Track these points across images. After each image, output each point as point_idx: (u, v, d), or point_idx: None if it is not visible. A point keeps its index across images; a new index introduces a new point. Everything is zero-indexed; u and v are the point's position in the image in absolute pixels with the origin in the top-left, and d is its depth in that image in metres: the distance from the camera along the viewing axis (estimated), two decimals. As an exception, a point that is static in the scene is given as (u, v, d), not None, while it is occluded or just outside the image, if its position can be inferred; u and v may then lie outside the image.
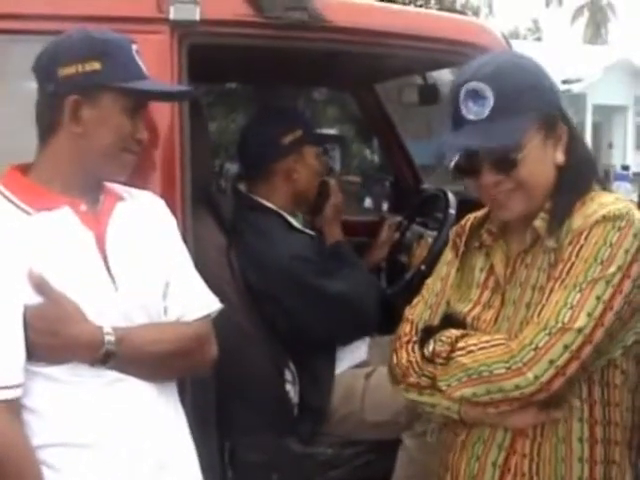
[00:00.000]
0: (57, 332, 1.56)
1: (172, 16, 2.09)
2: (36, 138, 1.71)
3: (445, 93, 3.27)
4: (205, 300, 1.79)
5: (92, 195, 1.71)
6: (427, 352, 1.68)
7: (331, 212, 2.87)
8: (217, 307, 1.81)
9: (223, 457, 2.44)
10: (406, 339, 1.78)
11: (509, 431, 1.64)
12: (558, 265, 1.58)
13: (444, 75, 3.56)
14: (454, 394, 1.61)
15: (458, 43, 2.51)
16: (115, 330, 1.59)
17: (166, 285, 1.73)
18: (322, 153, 2.88)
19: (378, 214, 3.94)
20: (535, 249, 1.66)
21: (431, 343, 1.68)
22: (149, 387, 1.65)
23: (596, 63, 25.70)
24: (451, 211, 2.84)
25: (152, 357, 1.66)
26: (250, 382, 2.51)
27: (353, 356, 2.74)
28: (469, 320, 1.70)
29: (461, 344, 1.62)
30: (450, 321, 1.72)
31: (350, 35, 2.37)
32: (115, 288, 1.64)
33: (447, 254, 1.85)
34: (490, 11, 34.34)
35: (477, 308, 1.71)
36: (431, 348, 1.67)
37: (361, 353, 2.76)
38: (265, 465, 2.50)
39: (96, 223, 1.68)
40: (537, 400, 1.56)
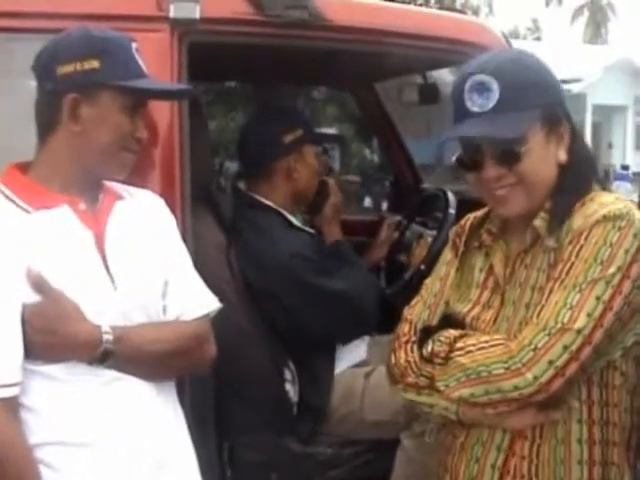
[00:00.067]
0: (55, 331, 1.55)
1: (172, 14, 2.09)
2: (36, 136, 1.71)
3: (445, 92, 3.27)
4: (204, 299, 1.79)
5: (91, 194, 1.70)
6: (425, 352, 1.67)
7: (330, 211, 2.87)
8: (216, 306, 1.80)
9: (222, 456, 2.44)
10: (405, 339, 1.77)
11: (508, 433, 1.63)
12: (558, 265, 1.57)
13: (444, 74, 3.56)
14: (452, 394, 1.61)
15: (458, 42, 2.50)
16: (113, 329, 1.59)
17: (165, 284, 1.73)
18: (322, 152, 2.88)
19: (378, 213, 3.94)
20: (535, 249, 1.66)
21: (430, 343, 1.67)
22: (148, 386, 1.65)
23: (596, 63, 25.68)
24: (451, 211, 2.84)
25: (151, 356, 1.65)
26: (249, 381, 2.51)
27: (352, 355, 2.74)
28: (468, 320, 1.69)
29: (460, 344, 1.61)
30: (449, 321, 1.72)
31: (350, 34, 2.36)
32: (114, 287, 1.64)
33: (446, 254, 1.85)
34: (490, 10, 34.34)
35: (476, 308, 1.71)
36: (430, 348, 1.67)
37: (360, 352, 2.76)
38: (264, 464, 2.50)
39: (95, 222, 1.67)
40: (536, 401, 1.55)
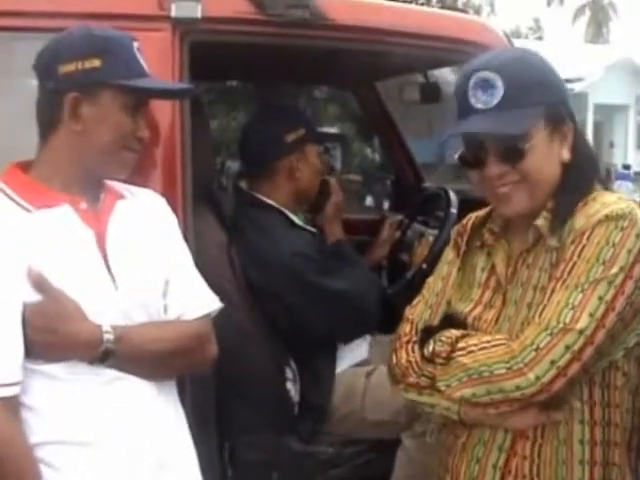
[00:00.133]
0: (56, 330, 1.55)
1: (173, 14, 2.09)
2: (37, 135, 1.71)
3: (446, 92, 3.27)
4: (205, 299, 1.79)
5: (92, 193, 1.70)
6: (427, 352, 1.67)
7: (332, 211, 2.87)
8: (217, 306, 1.80)
9: (223, 456, 2.44)
10: (406, 339, 1.77)
11: (509, 433, 1.63)
12: (560, 265, 1.57)
13: (445, 74, 3.55)
14: (454, 394, 1.60)
15: (460, 41, 2.50)
16: (114, 328, 1.59)
17: (166, 283, 1.73)
18: (323, 152, 2.88)
19: (379, 213, 3.93)
20: (537, 249, 1.65)
21: (431, 343, 1.67)
22: (148, 386, 1.65)
23: (597, 62, 25.66)
24: (452, 210, 2.84)
25: (151, 356, 1.65)
26: (250, 380, 2.50)
27: (354, 355, 2.73)
28: (470, 320, 1.69)
29: (461, 344, 1.61)
30: (450, 321, 1.71)
31: (351, 33, 2.36)
32: (115, 286, 1.63)
33: (448, 253, 1.84)
34: (492, 10, 34.31)
35: (478, 308, 1.70)
36: (431, 348, 1.66)
37: (362, 352, 2.76)
38: (265, 464, 2.50)
39: (96, 221, 1.67)
40: (538, 401, 1.54)
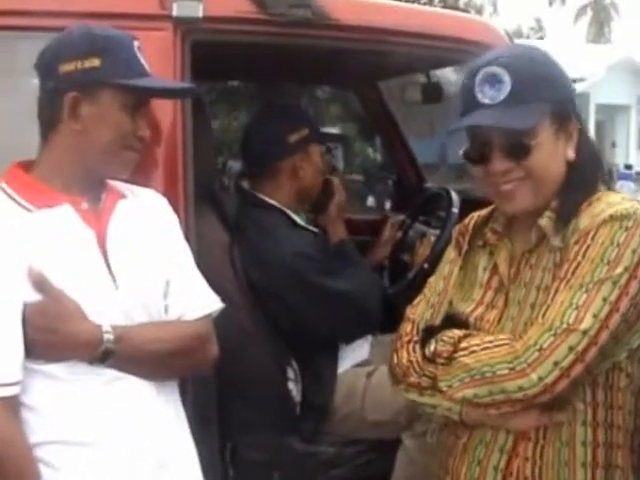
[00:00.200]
0: (56, 329, 1.55)
1: (175, 13, 2.09)
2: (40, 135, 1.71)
3: (448, 92, 3.27)
4: (206, 299, 1.78)
5: (94, 193, 1.70)
6: (428, 352, 1.66)
7: (335, 211, 2.87)
8: (218, 306, 1.80)
9: (224, 456, 2.43)
10: (407, 339, 1.76)
11: (511, 434, 1.61)
12: (564, 265, 1.56)
13: (447, 73, 3.55)
14: (455, 395, 1.59)
15: (462, 41, 2.50)
16: (114, 328, 1.59)
17: (167, 284, 1.72)
18: (325, 152, 2.88)
19: (381, 213, 3.93)
20: (540, 249, 1.64)
21: (432, 343, 1.66)
22: (149, 386, 1.65)
23: (599, 62, 25.64)
24: (454, 210, 2.83)
25: (152, 356, 1.65)
26: (252, 380, 2.50)
27: (355, 355, 2.73)
28: (472, 320, 1.68)
29: (464, 344, 1.60)
30: (452, 321, 1.70)
31: (354, 33, 2.36)
32: (115, 286, 1.63)
33: (450, 253, 1.83)
34: (494, 9, 34.25)
35: (480, 308, 1.69)
36: (432, 348, 1.65)
37: (363, 352, 2.75)
38: (267, 464, 2.49)
39: (97, 221, 1.67)
40: (540, 402, 1.53)
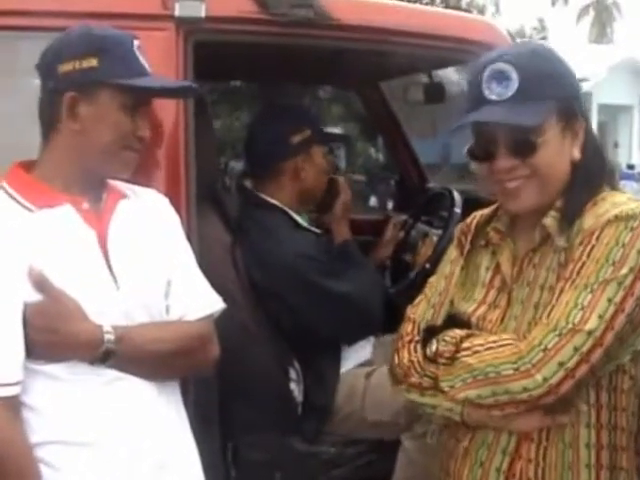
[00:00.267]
0: (57, 329, 1.55)
1: (177, 13, 2.09)
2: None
3: (451, 92, 3.26)
4: (208, 299, 1.78)
5: (95, 193, 1.70)
6: (430, 352, 1.65)
7: (340, 210, 2.85)
8: (220, 306, 1.79)
9: (226, 456, 2.43)
10: (408, 338, 1.75)
11: (514, 435, 1.60)
12: (568, 265, 1.55)
13: (450, 73, 3.55)
14: (458, 395, 1.59)
15: (464, 41, 2.49)
16: (115, 329, 1.59)
17: (168, 284, 1.72)
18: (328, 152, 2.87)
19: (383, 213, 3.93)
20: (544, 248, 1.63)
21: (434, 343, 1.65)
22: (149, 386, 1.65)
23: (601, 62, 25.62)
24: (456, 210, 2.83)
25: (152, 356, 1.65)
26: (254, 380, 2.50)
27: (358, 355, 2.73)
28: (474, 320, 1.67)
29: (466, 344, 1.59)
30: (454, 321, 1.69)
31: (356, 33, 2.35)
32: (116, 287, 1.63)
33: (451, 252, 1.82)
34: (497, 10, 34.20)
35: (482, 308, 1.68)
36: (434, 348, 1.64)
37: (366, 352, 2.75)
38: (268, 464, 2.49)
39: (98, 221, 1.66)
40: (545, 403, 1.52)
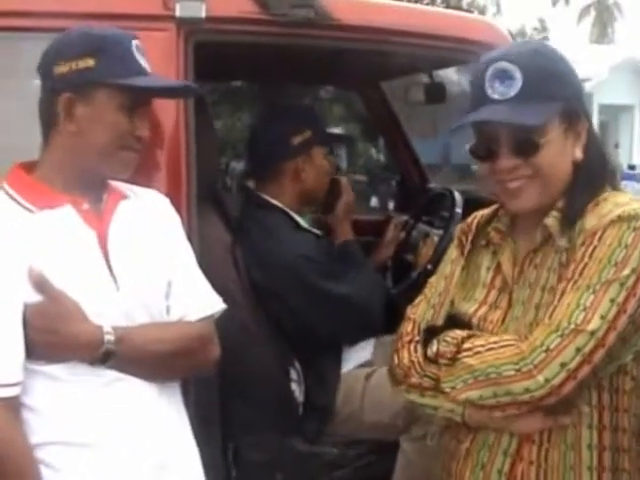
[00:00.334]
0: (57, 330, 1.55)
1: (178, 13, 2.09)
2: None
3: (452, 92, 3.26)
4: (208, 300, 1.78)
5: (95, 193, 1.70)
6: (430, 352, 1.64)
7: (342, 211, 2.85)
8: (220, 307, 1.79)
9: (227, 456, 2.43)
10: (408, 339, 1.74)
11: (515, 437, 1.60)
12: (570, 266, 1.54)
13: (451, 74, 3.55)
14: (459, 396, 1.58)
15: (465, 41, 2.49)
16: (115, 329, 1.58)
17: (169, 284, 1.72)
18: (329, 152, 2.87)
19: (384, 213, 3.93)
20: (545, 249, 1.62)
21: (434, 343, 1.64)
22: (149, 387, 1.64)
23: (602, 62, 25.59)
24: (457, 210, 2.83)
25: (152, 357, 1.65)
26: (254, 381, 2.50)
27: (358, 356, 2.73)
28: (475, 321, 1.66)
29: (467, 345, 1.58)
30: (454, 321, 1.68)
31: (356, 33, 2.35)
32: (116, 287, 1.63)
33: (452, 252, 1.81)
34: (498, 10, 34.19)
35: (483, 308, 1.67)
36: (435, 348, 1.63)
37: (366, 353, 2.75)
38: (269, 464, 2.49)
39: (98, 222, 1.66)
40: (546, 404, 1.51)
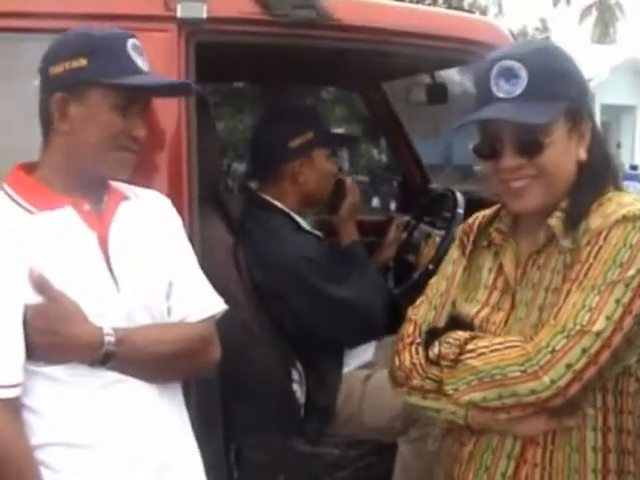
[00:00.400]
0: (57, 331, 1.55)
1: (179, 14, 2.09)
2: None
3: (453, 92, 3.26)
4: (209, 301, 1.77)
5: (95, 194, 1.69)
6: (432, 354, 1.63)
7: (347, 211, 2.83)
8: (221, 308, 1.79)
9: (229, 457, 2.43)
10: (409, 340, 1.73)
11: (518, 439, 1.59)
12: (575, 266, 1.53)
13: (452, 74, 3.55)
14: (462, 398, 1.57)
15: (467, 42, 2.49)
16: (115, 331, 1.58)
17: (170, 285, 1.71)
18: (331, 153, 2.86)
19: (386, 214, 3.93)
20: (549, 249, 1.61)
21: (436, 345, 1.63)
22: (150, 388, 1.64)
23: (604, 63, 25.57)
24: (459, 210, 2.83)
25: (153, 358, 1.64)
26: (256, 382, 2.50)
27: (360, 357, 2.73)
28: (477, 322, 1.65)
29: (471, 346, 1.57)
30: (456, 322, 1.68)
31: (358, 33, 2.35)
32: (117, 289, 1.63)
33: (453, 252, 1.80)
34: (500, 10, 34.18)
35: (485, 309, 1.67)
36: (436, 350, 1.63)
37: (367, 354, 2.75)
38: (271, 465, 2.49)
39: (99, 223, 1.66)
40: (552, 405, 1.50)
